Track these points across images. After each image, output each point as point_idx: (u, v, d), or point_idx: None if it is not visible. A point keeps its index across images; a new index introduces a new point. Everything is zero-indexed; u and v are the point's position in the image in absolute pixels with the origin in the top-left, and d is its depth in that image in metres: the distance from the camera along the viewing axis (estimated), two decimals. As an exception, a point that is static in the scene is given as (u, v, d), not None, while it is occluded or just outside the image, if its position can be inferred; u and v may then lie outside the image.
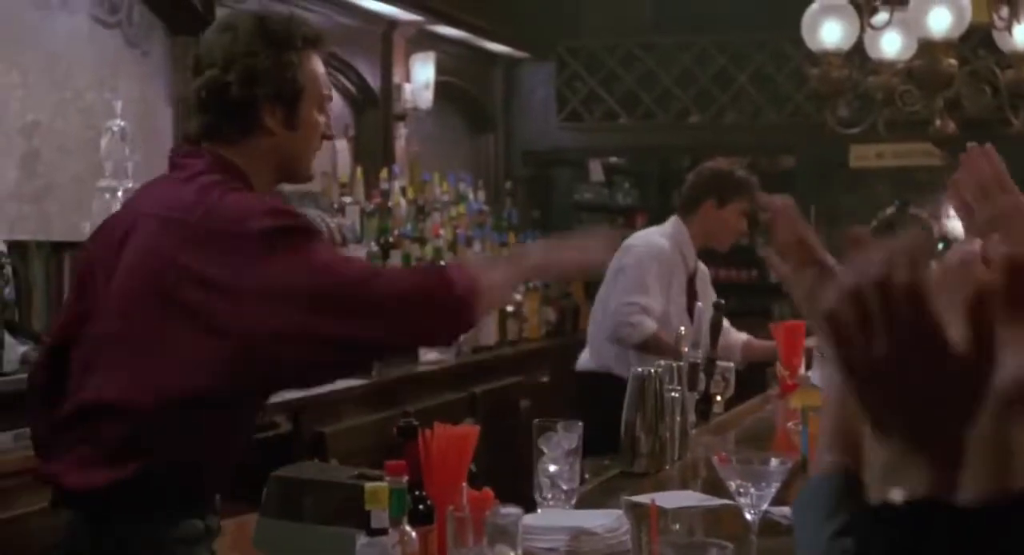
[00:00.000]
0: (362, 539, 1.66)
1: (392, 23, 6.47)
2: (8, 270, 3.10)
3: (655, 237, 4.33)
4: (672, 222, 4.37)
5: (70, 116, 4.47)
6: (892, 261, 0.93)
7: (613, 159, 9.02)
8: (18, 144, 4.26)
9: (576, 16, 8.08)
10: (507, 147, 8.12)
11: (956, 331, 0.89)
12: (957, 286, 0.91)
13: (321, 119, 2.21)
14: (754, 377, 4.26)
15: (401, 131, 6.62)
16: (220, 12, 5.01)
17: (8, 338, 3.12)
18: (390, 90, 6.52)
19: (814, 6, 4.40)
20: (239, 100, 2.10)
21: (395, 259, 5.43)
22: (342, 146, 6.29)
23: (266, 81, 2.10)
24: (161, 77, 4.96)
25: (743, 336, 4.48)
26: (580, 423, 2.36)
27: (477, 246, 6.25)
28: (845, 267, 0.99)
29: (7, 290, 3.09)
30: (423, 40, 6.82)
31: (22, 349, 3.15)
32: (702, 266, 4.43)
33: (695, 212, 4.31)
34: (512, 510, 1.72)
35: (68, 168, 4.44)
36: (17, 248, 3.17)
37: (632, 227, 9.15)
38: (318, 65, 2.20)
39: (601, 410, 2.94)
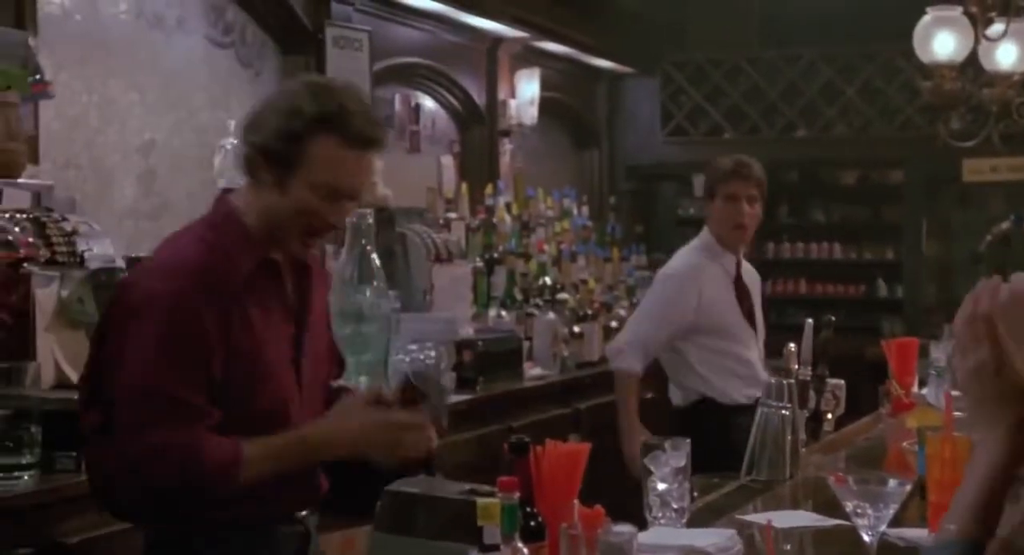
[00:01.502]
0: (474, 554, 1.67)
1: (497, 40, 6.52)
2: (126, 285, 3.17)
3: (681, 254, 4.23)
4: (703, 230, 4.23)
5: (185, 134, 4.58)
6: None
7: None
8: (136, 162, 4.38)
9: (681, 30, 8.05)
10: (611, 162, 8.11)
11: None
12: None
13: (316, 204, 2.17)
14: (865, 395, 4.18)
15: (506, 147, 6.66)
16: (330, 31, 5.10)
17: (126, 352, 3.19)
18: (495, 106, 6.56)
19: (926, 18, 4.33)
20: (243, 142, 2.20)
21: (500, 275, 5.46)
22: (447, 162, 6.35)
23: (266, 135, 2.15)
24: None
25: None
26: (688, 440, 2.34)
27: (581, 261, 6.25)
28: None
29: (126, 305, 3.16)
30: (528, 56, 6.85)
31: (139, 362, 3.22)
32: (748, 266, 4.24)
33: (707, 215, 4.22)
34: (625, 528, 1.71)
35: (183, 185, 4.55)
36: (135, 264, 3.24)
37: (737, 242, 9.09)
38: (336, 154, 2.16)
39: (702, 430, 2.89)
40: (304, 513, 2.25)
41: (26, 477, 2.66)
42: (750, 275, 4.24)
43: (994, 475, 1.14)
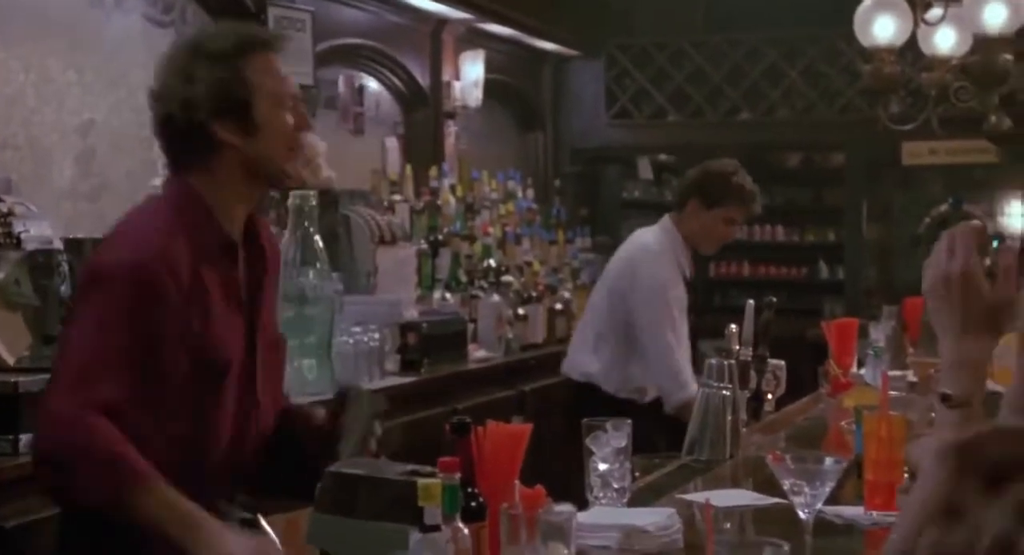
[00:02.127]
0: (416, 535, 1.67)
1: (442, 21, 6.49)
2: (64, 268, 3.14)
3: (648, 238, 4.11)
4: (664, 220, 4.15)
5: (124, 114, 4.53)
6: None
7: (662, 157, 8.99)
8: (74, 142, 4.32)
9: (625, 13, 8.06)
10: (556, 145, 8.12)
11: None
12: None
13: (285, 116, 2.18)
14: (805, 376, 4.23)
15: (451, 129, 6.64)
16: (272, 11, 5.05)
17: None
18: (439, 88, 6.54)
19: (867, 2, 4.36)
20: (188, 128, 2.11)
21: (444, 257, 5.45)
22: (392, 144, 6.32)
23: (206, 103, 2.10)
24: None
25: None
26: (629, 421, 2.36)
27: (526, 244, 6.25)
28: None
29: (63, 287, 3.13)
30: (472, 38, 6.84)
31: (78, 345, 3.19)
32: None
33: (682, 211, 4.10)
34: (565, 508, 1.72)
35: (122, 166, 4.49)
36: (73, 246, 3.21)
37: (681, 224, 9.13)
38: (267, 66, 2.16)
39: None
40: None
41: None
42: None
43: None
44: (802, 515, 1.91)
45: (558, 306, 6.11)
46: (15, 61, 4.06)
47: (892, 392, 2.41)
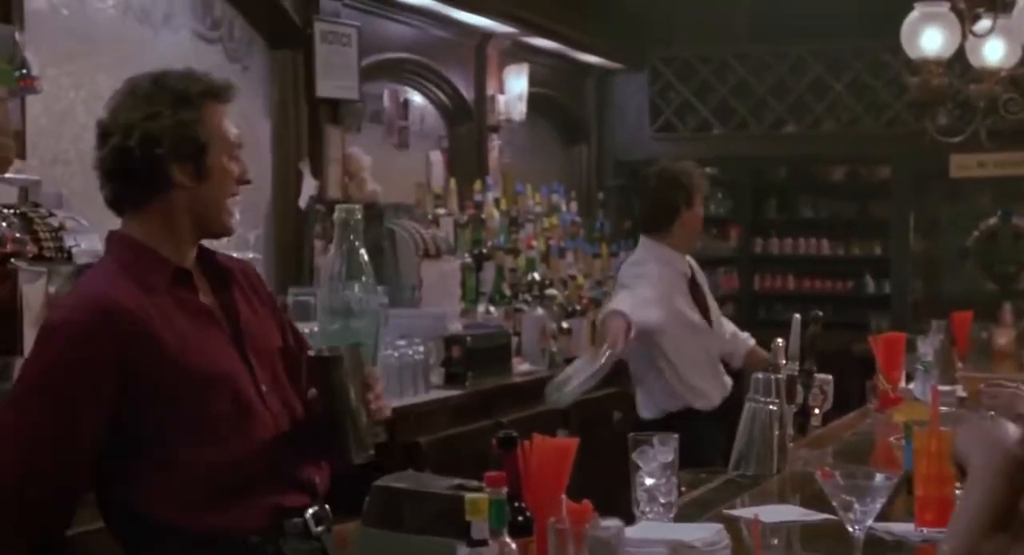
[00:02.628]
0: (463, 550, 1.67)
1: (486, 35, 6.52)
2: (114, 281, 3.17)
3: (632, 271, 4.05)
4: (642, 245, 4.12)
5: (173, 130, 4.57)
6: None
7: (706, 169, 8.94)
8: (123, 158, 4.36)
9: (669, 26, 8.05)
10: (599, 158, 8.12)
11: None
12: None
13: (233, 166, 2.21)
14: (853, 390, 4.20)
15: (494, 143, 6.66)
16: (318, 26, 5.09)
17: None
18: (484, 102, 6.56)
19: (914, 14, 4.33)
20: (144, 163, 2.12)
21: (488, 271, 5.46)
22: (436, 157, 6.35)
23: (168, 141, 2.12)
24: (260, 91, 5.05)
25: (750, 342, 4.36)
26: (676, 436, 2.35)
27: (570, 257, 6.25)
28: None
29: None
30: (516, 52, 6.85)
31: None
32: (694, 264, 4.19)
33: (674, 223, 4.05)
34: (613, 523, 1.71)
35: (171, 181, 4.53)
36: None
37: (724, 238, 9.09)
38: (222, 115, 2.20)
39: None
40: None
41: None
42: (700, 275, 4.22)
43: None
44: (852, 531, 1.89)
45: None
46: (66, 78, 4.11)
47: (942, 407, 2.38)
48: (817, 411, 3.64)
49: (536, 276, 5.70)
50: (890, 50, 6.86)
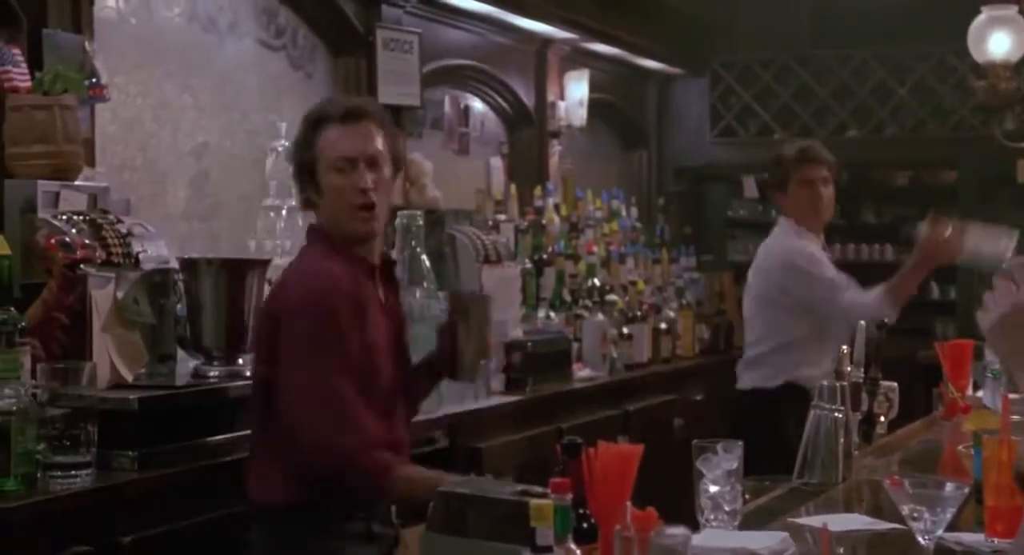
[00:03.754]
0: (527, 556, 1.67)
1: (546, 41, 6.52)
2: (180, 287, 3.21)
3: (780, 241, 4.30)
4: (781, 222, 4.38)
5: (237, 137, 4.62)
6: None
7: (767, 175, 8.88)
8: (189, 164, 4.42)
9: (730, 30, 8.01)
10: (660, 163, 8.09)
11: None
12: None
13: (341, 180, 2.67)
14: (918, 398, 4.15)
15: (555, 148, 6.66)
16: (380, 34, 5.12)
17: (180, 353, 3.23)
18: (544, 108, 6.56)
19: (981, 17, 4.29)
20: (296, 179, 2.80)
21: (548, 276, 5.45)
22: (496, 163, 6.36)
23: (296, 161, 2.75)
24: (323, 98, 5.08)
25: None
26: (740, 443, 2.33)
27: (630, 263, 6.23)
28: None
29: (179, 307, 3.20)
30: (577, 58, 6.85)
31: (193, 364, 3.26)
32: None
33: (782, 206, 4.34)
34: (679, 530, 1.71)
35: (235, 188, 4.58)
36: (188, 265, 3.28)
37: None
38: (337, 136, 2.68)
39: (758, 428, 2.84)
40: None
41: (83, 475, 2.69)
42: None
43: None
44: (922, 542, 1.87)
45: (663, 325, 6.08)
46: (133, 86, 4.17)
47: (1014, 416, 2.34)
48: (883, 419, 3.60)
49: (596, 281, 5.68)
50: (956, 53, 6.78)
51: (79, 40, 3.62)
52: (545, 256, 5.57)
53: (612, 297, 5.64)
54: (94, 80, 3.57)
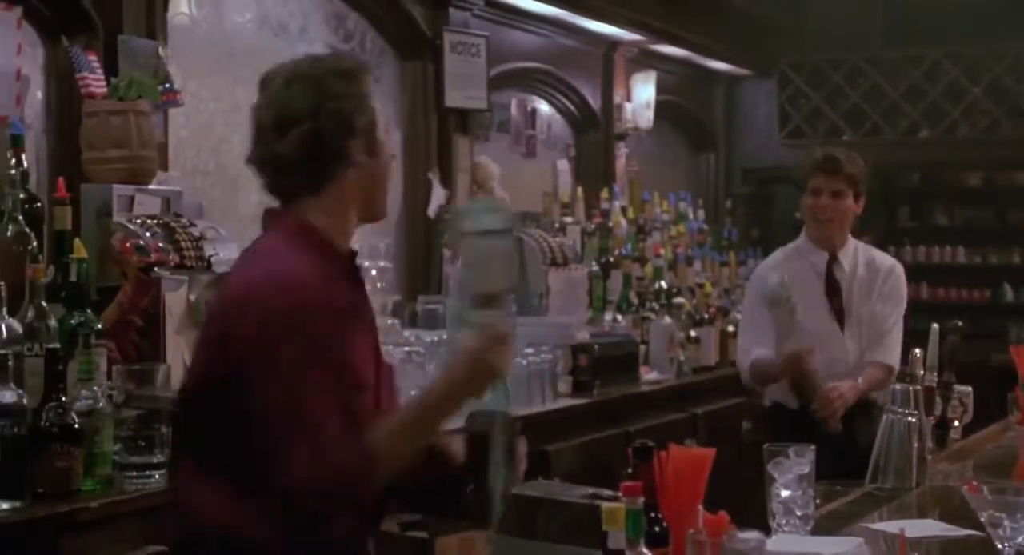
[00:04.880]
0: (598, 559, 1.67)
1: (613, 43, 6.50)
2: (251, 290, 3.24)
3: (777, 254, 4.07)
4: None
5: (307, 141, 4.65)
6: None
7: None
8: (259, 169, 4.46)
9: (799, 31, 7.94)
10: (727, 165, 8.04)
11: None
12: None
13: (389, 150, 2.19)
14: (993, 402, 4.08)
15: (622, 150, 6.64)
16: (448, 37, 5.14)
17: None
18: (611, 110, 6.55)
19: (1058, 15, 4.20)
20: (334, 144, 2.09)
21: (615, 279, 5.44)
22: (563, 166, 6.36)
23: (353, 118, 2.09)
24: (391, 102, 5.11)
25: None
26: (812, 447, 2.31)
27: (697, 265, 6.20)
28: None
29: (251, 308, 3.23)
30: (644, 59, 6.83)
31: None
32: (864, 260, 3.96)
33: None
34: (753, 535, 1.69)
35: (304, 191, 4.62)
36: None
37: (856, 246, 8.92)
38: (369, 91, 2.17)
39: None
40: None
41: (157, 476, 2.73)
42: (857, 269, 3.94)
43: None
44: (1001, 549, 1.84)
45: (730, 328, 6.03)
46: (206, 91, 4.23)
47: (1093, 421, 2.30)
48: (957, 423, 3.56)
49: (663, 284, 5.66)
50: (1031, 52, 6.68)
51: (153, 46, 3.67)
52: (612, 258, 5.56)
53: (679, 300, 5.61)
54: (168, 85, 3.63)
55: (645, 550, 1.71)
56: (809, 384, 3.62)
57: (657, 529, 1.87)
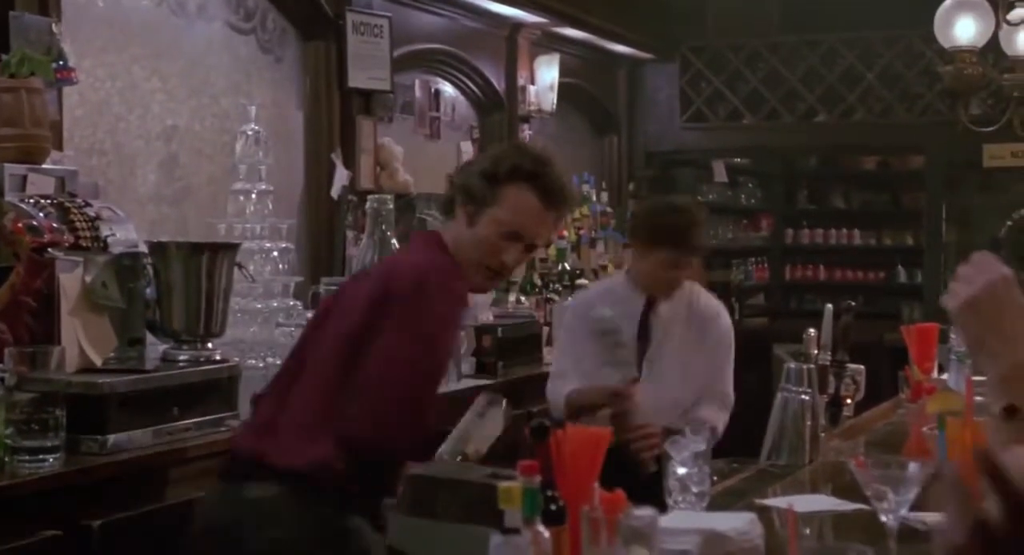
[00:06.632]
0: (496, 538, 1.68)
1: (516, 25, 6.51)
2: (149, 270, 3.20)
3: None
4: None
5: (206, 120, 4.60)
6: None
7: (737, 160, 8.94)
8: (158, 148, 4.40)
9: (700, 16, 8.02)
10: (630, 148, 8.10)
11: None
12: None
13: (502, 244, 2.57)
14: (885, 381, 4.19)
15: (525, 133, 6.66)
16: (351, 17, 5.11)
17: (149, 337, 3.22)
18: (514, 92, 6.56)
19: (947, 2, 4.31)
20: (455, 183, 2.68)
21: (519, 260, 5.46)
22: (467, 148, 6.36)
23: (469, 176, 2.63)
24: (293, 82, 5.07)
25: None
26: (708, 425, 2.36)
27: (600, 247, 6.25)
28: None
29: (148, 290, 3.19)
30: (547, 42, 6.85)
31: (162, 347, 3.25)
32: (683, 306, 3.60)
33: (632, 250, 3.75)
34: (647, 511, 1.72)
35: (204, 171, 4.57)
36: (157, 249, 3.27)
37: (756, 229, 9.07)
38: (525, 200, 2.57)
39: None
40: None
41: (51, 460, 2.69)
42: (676, 318, 3.60)
43: None
44: (886, 521, 1.89)
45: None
46: (101, 69, 4.15)
47: (977, 397, 2.37)
48: (849, 401, 3.64)
49: (567, 266, 5.70)
50: (923, 39, 6.82)
51: (46, 22, 3.59)
52: (515, 240, 5.58)
53: (582, 281, 5.66)
54: (61, 63, 3.55)
55: (542, 528, 1.73)
56: (629, 419, 3.23)
57: (554, 508, 1.89)
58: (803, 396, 2.95)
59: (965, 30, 4.24)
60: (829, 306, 3.60)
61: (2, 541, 2.51)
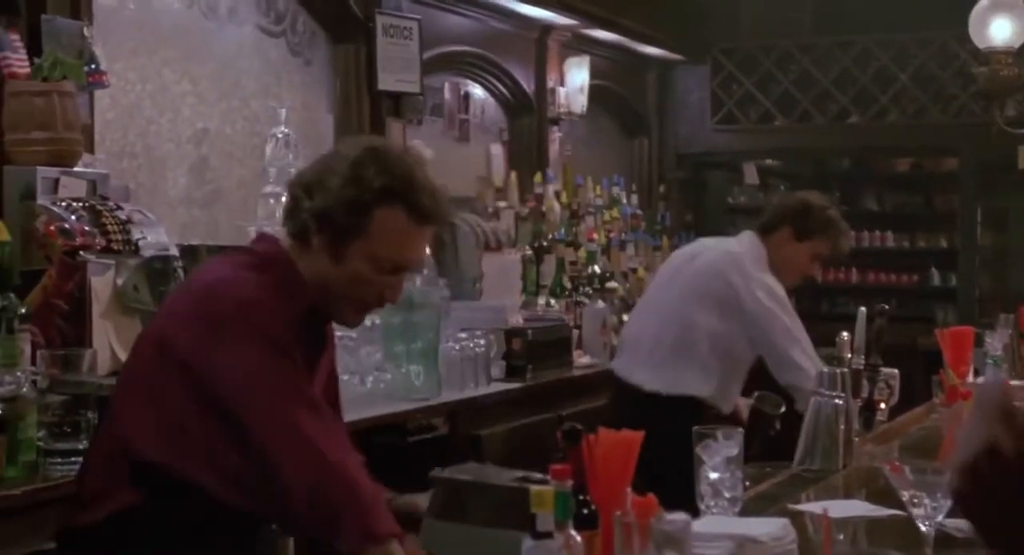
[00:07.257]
0: (528, 542, 1.67)
1: (547, 28, 6.50)
2: (180, 274, 3.20)
3: (732, 246, 4.02)
4: (748, 237, 4.04)
5: (237, 123, 4.62)
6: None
7: (768, 161, 8.89)
8: (188, 151, 4.41)
9: (732, 17, 7.98)
10: (660, 150, 8.08)
11: None
12: None
13: (371, 276, 2.12)
14: (919, 384, 4.15)
15: (555, 135, 6.65)
16: (380, 20, 5.11)
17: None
18: (544, 94, 6.55)
19: (983, 3, 4.27)
20: (294, 204, 2.14)
21: (549, 263, 5.45)
22: (497, 150, 6.35)
23: (326, 201, 2.09)
24: (323, 85, 5.08)
25: None
26: (740, 430, 2.33)
27: (630, 249, 6.23)
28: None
29: (179, 292, 3.19)
30: (577, 44, 6.83)
31: (193, 349, 3.25)
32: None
33: (771, 235, 3.99)
34: (679, 516, 1.70)
35: (235, 174, 4.58)
36: (188, 252, 3.28)
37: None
38: (402, 228, 2.11)
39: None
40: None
41: (82, 462, 2.69)
42: None
43: None
44: (922, 528, 1.87)
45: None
46: (132, 72, 4.16)
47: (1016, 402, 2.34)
48: (883, 405, 3.61)
49: (597, 269, 5.68)
50: (957, 40, 6.76)
51: (78, 26, 3.61)
52: (545, 243, 5.57)
53: (612, 284, 5.64)
54: (93, 66, 3.57)
55: (574, 532, 1.72)
56: None
57: (586, 512, 1.88)
58: (836, 400, 2.92)
59: (1000, 31, 4.20)
60: (862, 309, 3.57)
61: (36, 543, 2.52)
